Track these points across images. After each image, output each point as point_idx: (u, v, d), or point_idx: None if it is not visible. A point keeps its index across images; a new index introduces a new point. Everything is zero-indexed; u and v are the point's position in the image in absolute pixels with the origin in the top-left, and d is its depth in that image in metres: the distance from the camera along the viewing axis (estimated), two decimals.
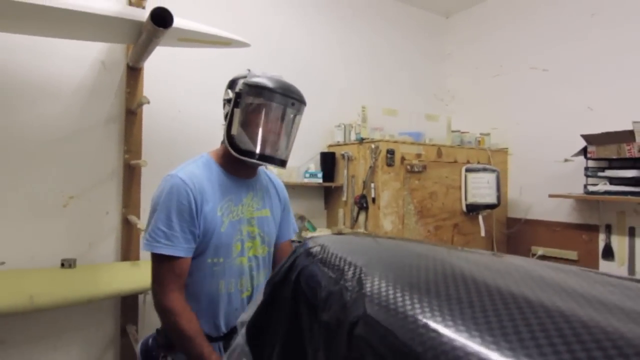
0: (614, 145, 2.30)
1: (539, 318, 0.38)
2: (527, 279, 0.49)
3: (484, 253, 0.68)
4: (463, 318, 0.42)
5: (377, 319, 0.48)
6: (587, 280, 0.52)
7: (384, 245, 0.73)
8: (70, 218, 2.13)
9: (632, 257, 2.46)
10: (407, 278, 0.54)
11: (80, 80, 2.17)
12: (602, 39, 2.64)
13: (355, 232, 2.57)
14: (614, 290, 0.48)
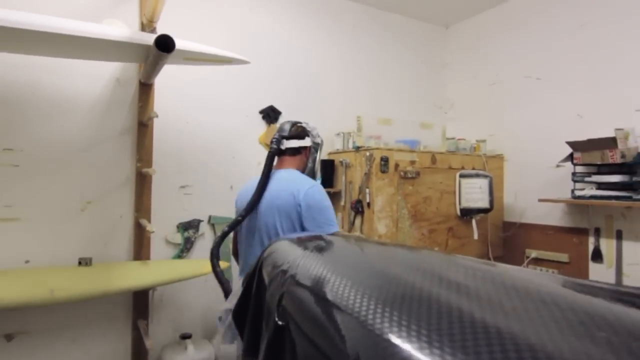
0: (598, 151, 2.39)
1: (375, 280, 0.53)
2: (404, 264, 0.64)
3: (400, 248, 0.84)
4: (345, 289, 0.57)
5: (294, 293, 0.64)
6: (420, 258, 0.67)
7: (315, 245, 0.89)
8: (87, 221, 2.34)
9: (619, 259, 2.54)
10: (321, 267, 0.70)
11: (97, 95, 2.39)
12: (590, 48, 2.74)
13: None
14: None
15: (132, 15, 2.46)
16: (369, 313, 0.51)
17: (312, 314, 0.58)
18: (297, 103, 3.04)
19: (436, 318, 0.47)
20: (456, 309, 0.49)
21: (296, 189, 1.65)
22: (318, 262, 0.72)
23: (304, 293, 0.62)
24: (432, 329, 0.45)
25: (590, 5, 2.76)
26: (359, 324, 0.51)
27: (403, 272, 0.61)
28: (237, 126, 2.83)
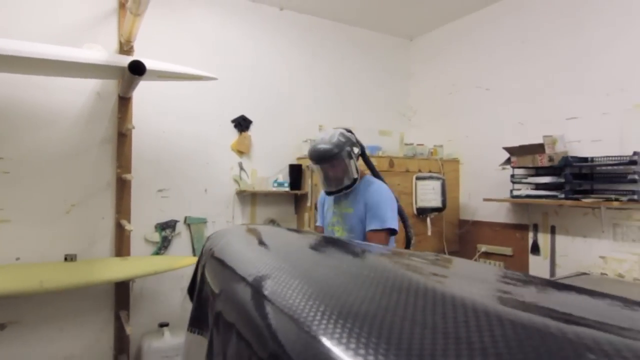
0: (530, 156, 2.69)
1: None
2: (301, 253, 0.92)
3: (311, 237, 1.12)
4: (255, 269, 0.85)
5: (211, 263, 0.92)
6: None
7: (240, 232, 1.16)
8: (72, 222, 2.59)
9: (553, 252, 2.84)
10: (235, 248, 0.97)
11: (79, 108, 2.64)
12: (530, 62, 3.04)
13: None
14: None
15: (111, 36, 2.72)
16: (249, 273, 0.78)
17: (216, 275, 0.85)
18: (267, 112, 3.31)
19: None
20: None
21: (375, 188, 2.20)
22: (233, 240, 0.99)
23: (214, 262, 0.89)
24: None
25: (529, 24, 3.05)
26: (242, 280, 0.78)
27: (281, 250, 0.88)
28: (210, 134, 3.09)
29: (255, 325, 0.61)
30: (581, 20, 2.75)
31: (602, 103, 2.61)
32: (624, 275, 2.49)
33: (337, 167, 2.03)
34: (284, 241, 1.09)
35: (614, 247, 2.54)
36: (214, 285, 0.87)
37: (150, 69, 2.09)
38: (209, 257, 0.94)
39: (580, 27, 2.74)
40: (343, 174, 2.04)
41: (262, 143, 3.26)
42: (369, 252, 1.03)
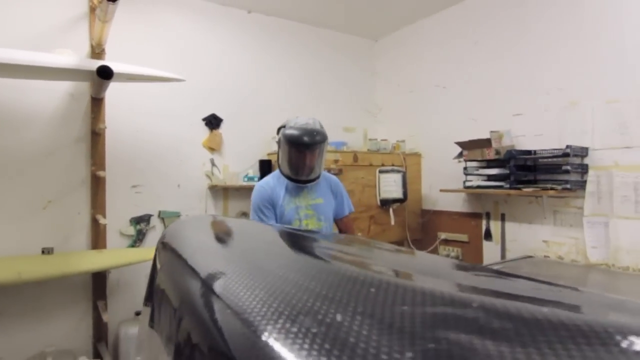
0: (479, 149, 2.91)
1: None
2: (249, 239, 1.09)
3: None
4: (193, 251, 1.02)
5: (162, 254, 1.09)
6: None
7: (192, 222, 1.33)
8: (49, 217, 2.72)
9: (503, 237, 3.07)
10: (182, 234, 1.14)
11: (53, 109, 2.76)
12: (482, 62, 3.26)
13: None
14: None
15: (83, 39, 2.84)
16: (187, 254, 0.95)
17: (165, 256, 1.02)
18: (237, 111, 3.46)
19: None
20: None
21: (334, 178, 2.37)
22: (182, 228, 1.16)
23: (166, 249, 1.06)
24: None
25: (481, 27, 3.27)
26: (184, 262, 0.95)
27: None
28: (182, 132, 3.23)
29: (199, 317, 0.61)
30: (525, 25, 2.97)
31: (543, 100, 2.84)
32: (563, 257, 2.73)
33: (319, 155, 2.05)
34: (243, 233, 1.25)
35: (555, 232, 2.78)
36: (162, 270, 1.04)
37: (118, 72, 2.23)
38: (161, 245, 1.11)
39: (525, 32, 2.97)
40: (319, 163, 2.08)
41: (233, 140, 3.42)
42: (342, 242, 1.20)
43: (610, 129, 2.51)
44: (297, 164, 2.04)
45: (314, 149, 2.00)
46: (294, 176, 2.08)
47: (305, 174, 2.06)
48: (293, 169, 2.06)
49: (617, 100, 2.47)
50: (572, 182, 2.53)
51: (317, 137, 1.99)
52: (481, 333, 0.40)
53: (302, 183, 2.09)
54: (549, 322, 0.42)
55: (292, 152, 2.02)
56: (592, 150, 2.58)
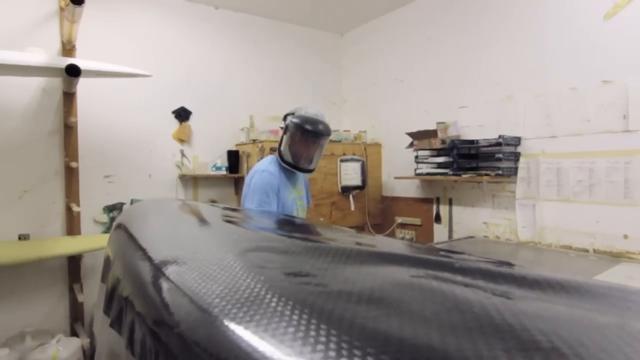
0: (427, 139, 3.17)
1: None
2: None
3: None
4: (143, 233, 1.24)
5: (119, 233, 1.31)
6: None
7: (146, 205, 1.55)
8: (25, 206, 2.90)
9: (450, 220, 3.36)
10: (135, 215, 1.36)
11: (27, 103, 2.92)
12: (433, 57, 3.51)
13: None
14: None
15: (54, 37, 2.98)
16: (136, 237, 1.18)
17: (117, 236, 1.24)
18: (206, 103, 3.65)
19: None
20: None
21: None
22: (137, 212, 1.38)
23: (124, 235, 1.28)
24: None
25: (433, 24, 3.51)
26: (135, 242, 1.17)
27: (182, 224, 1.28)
28: (153, 124, 3.42)
29: (148, 295, 0.62)
30: (470, 24, 3.22)
31: (484, 94, 3.11)
32: (500, 237, 3.03)
33: (323, 147, 2.13)
34: (200, 216, 1.46)
35: (493, 214, 3.07)
36: (113, 250, 1.25)
37: (86, 69, 2.41)
38: (116, 225, 1.32)
39: (469, 30, 3.22)
40: (319, 155, 2.15)
41: (202, 131, 3.62)
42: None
43: (539, 120, 2.79)
44: (304, 153, 2.04)
45: (324, 140, 2.09)
46: (297, 164, 2.06)
47: (308, 164, 2.09)
48: (298, 157, 2.04)
49: (544, 94, 2.75)
50: (504, 169, 2.81)
51: (329, 129, 2.09)
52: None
53: (303, 171, 2.12)
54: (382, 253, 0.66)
55: (302, 141, 2.02)
56: (524, 139, 2.86)
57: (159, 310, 0.56)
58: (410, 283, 0.49)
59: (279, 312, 0.42)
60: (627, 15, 2.39)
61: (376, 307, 0.43)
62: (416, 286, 0.47)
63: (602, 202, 2.49)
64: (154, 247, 0.86)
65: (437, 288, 0.46)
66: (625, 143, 2.39)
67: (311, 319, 0.40)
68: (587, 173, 2.56)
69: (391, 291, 0.46)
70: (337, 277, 0.54)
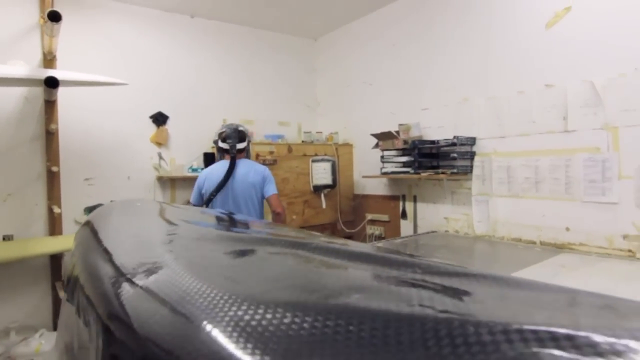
0: (390, 140, 3.37)
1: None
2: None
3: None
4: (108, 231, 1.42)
5: (81, 231, 1.48)
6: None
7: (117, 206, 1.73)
8: (9, 209, 3.05)
9: (415, 216, 3.56)
10: (100, 216, 1.54)
11: (9, 111, 3.08)
12: (398, 62, 3.70)
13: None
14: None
15: (36, 48, 3.14)
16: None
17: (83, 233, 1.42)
18: (182, 108, 3.82)
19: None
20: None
21: (261, 169, 2.89)
22: (108, 211, 1.56)
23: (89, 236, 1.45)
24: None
25: (397, 30, 3.71)
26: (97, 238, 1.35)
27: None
28: (131, 129, 3.58)
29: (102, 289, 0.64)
30: (430, 30, 3.42)
31: (443, 97, 3.31)
32: (459, 231, 3.23)
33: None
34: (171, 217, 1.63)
35: (453, 210, 3.28)
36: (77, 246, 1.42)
37: (65, 80, 2.57)
38: (85, 223, 1.49)
39: (429, 36, 3.42)
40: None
41: (178, 135, 3.78)
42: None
43: (491, 122, 3.00)
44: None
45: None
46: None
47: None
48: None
49: (495, 97, 2.96)
50: (459, 167, 3.01)
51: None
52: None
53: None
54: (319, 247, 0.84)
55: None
56: (479, 139, 3.07)
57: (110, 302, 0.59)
58: (263, 256, 0.68)
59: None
60: (565, 24, 2.60)
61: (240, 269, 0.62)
62: (267, 258, 0.66)
63: (546, 198, 2.70)
64: (114, 244, 1.02)
65: (279, 260, 0.64)
66: (565, 142, 2.60)
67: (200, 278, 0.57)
68: (533, 170, 2.76)
69: (249, 260, 0.65)
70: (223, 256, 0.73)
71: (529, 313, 0.44)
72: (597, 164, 2.43)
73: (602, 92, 2.40)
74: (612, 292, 0.46)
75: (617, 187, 2.35)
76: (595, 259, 2.34)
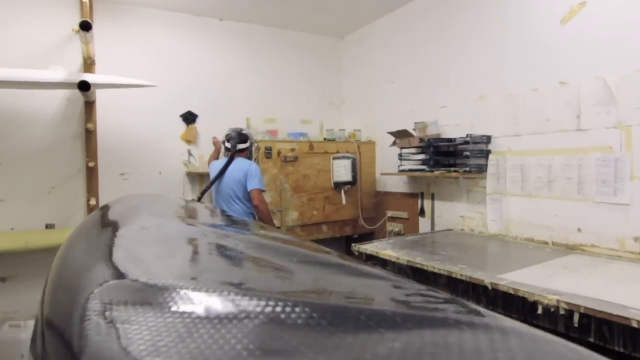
0: (406, 138, 3.39)
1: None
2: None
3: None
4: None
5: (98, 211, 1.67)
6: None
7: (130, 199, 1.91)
8: (52, 200, 3.38)
9: (432, 213, 3.57)
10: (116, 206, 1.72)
11: (54, 111, 3.40)
12: (418, 61, 3.71)
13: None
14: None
15: (77, 54, 3.44)
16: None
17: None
18: (210, 107, 4.03)
19: None
20: None
21: (246, 167, 3.11)
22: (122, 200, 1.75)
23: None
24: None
25: (417, 29, 3.71)
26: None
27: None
28: (163, 127, 3.83)
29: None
30: (446, 28, 3.41)
31: (461, 95, 3.30)
32: (474, 229, 3.22)
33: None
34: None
35: (468, 208, 3.27)
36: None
37: (97, 83, 2.82)
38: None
39: (448, 34, 3.41)
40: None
41: (207, 133, 3.99)
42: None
43: (507, 120, 2.96)
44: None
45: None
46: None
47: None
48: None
49: (510, 95, 2.92)
50: (472, 165, 3.00)
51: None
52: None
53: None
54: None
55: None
56: (494, 137, 3.04)
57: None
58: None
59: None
60: (580, 20, 2.53)
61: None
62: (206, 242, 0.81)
63: (559, 197, 2.65)
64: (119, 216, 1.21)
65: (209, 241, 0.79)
66: (578, 141, 2.54)
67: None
68: (546, 170, 2.72)
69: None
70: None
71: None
72: (610, 164, 2.37)
73: (615, 89, 2.33)
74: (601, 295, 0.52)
75: (629, 187, 2.28)
76: (603, 261, 2.28)
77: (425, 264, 2.32)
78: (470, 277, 2.06)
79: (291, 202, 3.80)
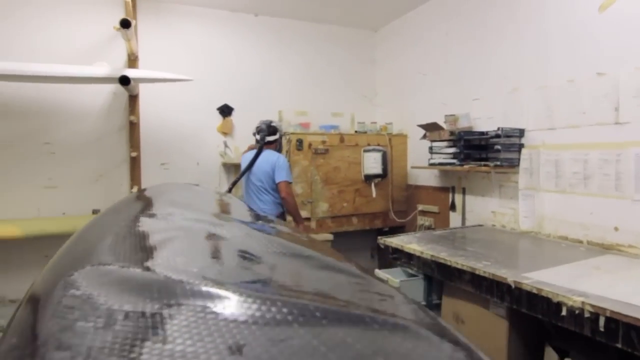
0: (437, 131, 3.35)
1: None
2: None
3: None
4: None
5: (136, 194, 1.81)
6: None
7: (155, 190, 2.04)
8: (99, 188, 3.63)
9: (463, 208, 3.51)
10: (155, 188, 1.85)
11: (101, 105, 3.64)
12: (451, 52, 3.64)
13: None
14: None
15: (122, 51, 3.65)
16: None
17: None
18: (246, 100, 4.16)
19: None
20: None
21: (274, 159, 3.15)
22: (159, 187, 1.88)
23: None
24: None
25: (450, 20, 3.64)
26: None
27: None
28: (201, 119, 4.00)
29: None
30: (479, 19, 3.32)
31: (494, 87, 3.21)
32: (505, 225, 3.14)
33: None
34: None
35: (500, 204, 3.19)
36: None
37: (136, 77, 3.00)
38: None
39: (481, 25, 3.32)
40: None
41: (242, 125, 4.12)
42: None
43: (540, 112, 2.86)
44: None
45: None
46: None
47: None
48: None
49: (545, 87, 2.81)
50: (503, 160, 2.92)
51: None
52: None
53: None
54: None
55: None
56: (527, 131, 2.94)
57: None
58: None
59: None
60: (618, 8, 2.39)
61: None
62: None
63: (595, 194, 2.54)
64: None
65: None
66: (616, 135, 2.42)
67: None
68: (582, 165, 2.61)
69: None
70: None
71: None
72: None
73: None
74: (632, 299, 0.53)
75: None
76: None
77: (449, 259, 2.29)
78: (494, 275, 2.01)
79: (321, 194, 3.86)
